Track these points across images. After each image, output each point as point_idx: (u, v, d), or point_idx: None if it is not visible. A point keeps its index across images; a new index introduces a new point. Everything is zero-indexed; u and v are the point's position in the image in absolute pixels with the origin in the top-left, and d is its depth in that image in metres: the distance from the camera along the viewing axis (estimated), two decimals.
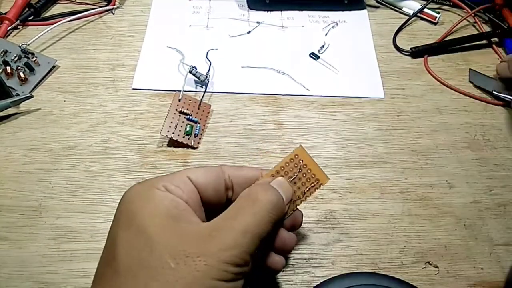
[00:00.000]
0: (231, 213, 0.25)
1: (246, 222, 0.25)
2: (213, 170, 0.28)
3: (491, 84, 0.48)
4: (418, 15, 0.56)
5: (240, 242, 0.24)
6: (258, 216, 0.25)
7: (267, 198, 0.26)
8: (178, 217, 0.25)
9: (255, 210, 0.25)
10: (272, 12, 0.55)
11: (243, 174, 0.29)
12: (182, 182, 0.27)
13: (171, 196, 0.25)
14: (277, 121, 0.45)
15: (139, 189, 0.26)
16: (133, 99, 0.46)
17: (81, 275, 0.35)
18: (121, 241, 0.24)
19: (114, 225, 0.25)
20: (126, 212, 0.25)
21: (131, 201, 0.26)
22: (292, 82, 0.48)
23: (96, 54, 0.50)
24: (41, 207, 0.38)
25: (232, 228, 0.24)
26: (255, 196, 0.26)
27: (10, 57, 0.47)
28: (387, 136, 0.44)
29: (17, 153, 0.41)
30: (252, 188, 0.27)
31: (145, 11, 0.54)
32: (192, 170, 0.28)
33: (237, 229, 0.24)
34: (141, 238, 0.24)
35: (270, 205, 0.26)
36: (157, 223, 0.24)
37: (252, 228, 0.25)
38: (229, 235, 0.24)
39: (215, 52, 0.50)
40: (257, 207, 0.26)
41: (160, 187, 0.26)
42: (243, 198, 0.26)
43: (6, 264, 0.35)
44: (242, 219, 0.25)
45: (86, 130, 0.43)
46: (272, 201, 0.26)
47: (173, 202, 0.25)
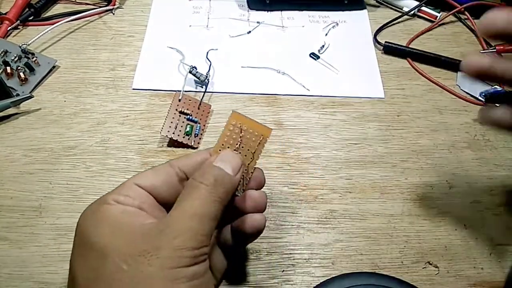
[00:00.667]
0: (176, 204, 0.26)
1: (190, 207, 0.25)
2: (160, 169, 0.29)
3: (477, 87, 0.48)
4: (419, 14, 0.56)
5: (188, 225, 0.24)
6: (201, 197, 0.26)
7: (206, 179, 0.26)
8: (128, 224, 0.25)
9: (197, 194, 0.26)
10: (272, 12, 0.55)
11: (192, 161, 0.30)
12: (131, 191, 0.27)
13: (121, 208, 0.26)
14: (277, 121, 0.45)
15: (89, 210, 0.27)
16: (133, 99, 0.46)
17: None
18: (76, 263, 0.25)
19: (72, 252, 0.26)
20: (78, 235, 0.26)
21: (83, 224, 0.26)
22: (292, 82, 0.48)
23: (96, 54, 0.50)
24: (41, 207, 0.38)
25: (178, 216, 0.25)
26: (195, 181, 0.26)
27: (10, 57, 0.47)
28: (387, 136, 0.44)
29: (17, 153, 0.41)
30: (194, 174, 0.27)
31: (145, 11, 0.54)
32: (138, 176, 0.28)
33: (183, 215, 0.25)
34: (93, 252, 0.24)
35: (210, 184, 0.26)
36: (106, 233, 0.24)
37: (197, 210, 0.25)
38: (176, 223, 0.24)
39: (215, 52, 0.50)
40: (198, 190, 0.26)
41: (110, 202, 0.26)
42: (185, 187, 0.27)
43: (6, 264, 0.35)
44: (185, 204, 0.25)
45: (86, 130, 0.43)
46: (209, 180, 0.26)
47: (124, 213, 0.26)
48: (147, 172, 0.29)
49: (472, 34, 0.54)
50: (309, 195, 0.40)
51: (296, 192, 0.40)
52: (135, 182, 0.28)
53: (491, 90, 0.48)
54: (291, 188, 0.40)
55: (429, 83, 0.49)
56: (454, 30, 0.55)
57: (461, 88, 0.49)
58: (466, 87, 0.49)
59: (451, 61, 0.50)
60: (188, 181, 0.27)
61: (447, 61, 0.51)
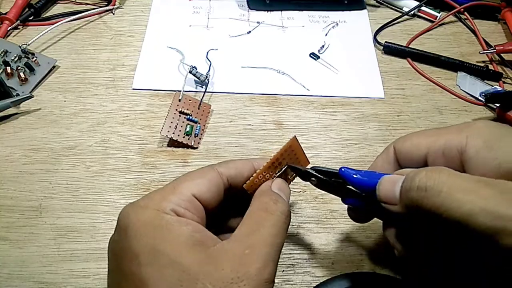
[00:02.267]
0: (251, 227, 0.25)
1: (270, 235, 0.25)
2: (212, 178, 0.28)
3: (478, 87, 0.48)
4: (419, 14, 0.56)
5: (272, 256, 0.24)
6: (277, 227, 0.25)
7: (280, 208, 0.26)
8: (202, 242, 0.24)
9: (273, 222, 0.26)
10: (272, 12, 0.55)
11: (234, 168, 0.29)
12: (190, 203, 0.26)
13: (185, 221, 0.24)
14: (277, 121, 0.45)
15: (146, 218, 0.24)
16: (133, 99, 0.46)
17: (81, 275, 0.35)
18: (152, 278, 0.22)
19: (129, 263, 0.23)
20: (144, 248, 0.23)
21: (145, 235, 0.24)
22: (292, 82, 0.48)
23: (96, 54, 0.50)
24: (41, 207, 0.38)
25: (261, 245, 0.24)
26: (269, 208, 0.26)
27: (10, 57, 0.47)
28: (387, 136, 0.44)
29: (17, 153, 0.41)
30: (262, 200, 0.27)
31: (145, 11, 0.54)
32: (194, 185, 0.27)
33: (267, 244, 0.24)
34: (175, 271, 0.22)
35: (283, 214, 0.26)
36: (186, 253, 0.23)
37: (276, 239, 0.25)
38: (262, 250, 0.24)
39: (215, 52, 0.50)
40: (274, 218, 0.26)
41: (169, 212, 0.25)
42: (257, 211, 0.27)
43: (6, 264, 0.35)
44: (265, 232, 0.25)
45: (86, 130, 0.43)
46: (284, 211, 0.27)
47: (190, 227, 0.24)
48: (201, 182, 0.27)
49: (472, 34, 0.54)
50: (309, 195, 0.40)
51: (296, 192, 0.40)
52: (193, 193, 0.26)
53: (491, 90, 0.48)
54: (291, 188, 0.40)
55: (429, 83, 0.49)
56: (454, 30, 0.55)
57: (461, 88, 0.49)
58: (466, 87, 0.49)
59: (451, 61, 0.50)
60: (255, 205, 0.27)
61: (447, 61, 0.51)
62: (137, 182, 0.40)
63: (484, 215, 0.20)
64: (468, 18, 0.55)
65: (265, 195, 0.28)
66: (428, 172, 0.23)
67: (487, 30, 0.55)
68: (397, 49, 0.51)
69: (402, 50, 0.51)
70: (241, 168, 0.29)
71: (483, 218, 0.20)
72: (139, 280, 0.23)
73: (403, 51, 0.51)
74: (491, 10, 0.56)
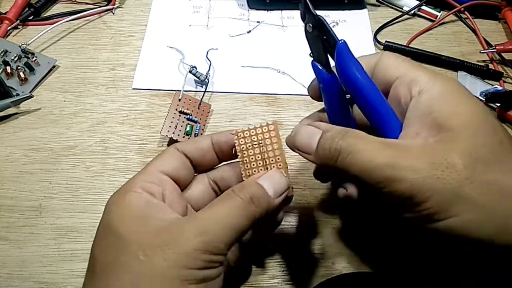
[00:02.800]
0: (207, 207, 0.26)
1: (219, 213, 0.25)
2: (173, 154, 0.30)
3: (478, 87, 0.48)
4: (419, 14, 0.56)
5: (212, 229, 0.24)
6: (233, 208, 0.26)
7: (243, 193, 0.26)
8: (151, 215, 0.26)
9: (230, 203, 0.26)
10: (272, 12, 0.55)
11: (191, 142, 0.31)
12: (156, 178, 0.28)
13: (146, 197, 0.27)
14: (277, 121, 0.45)
15: (116, 196, 0.27)
16: (133, 99, 0.46)
17: (81, 275, 0.35)
18: (97, 247, 0.26)
19: (96, 234, 0.27)
20: (104, 220, 0.26)
21: (109, 209, 0.27)
22: (292, 82, 0.48)
23: (96, 54, 0.50)
24: (41, 207, 0.38)
25: (205, 218, 0.25)
26: (234, 191, 0.27)
27: (10, 57, 0.47)
28: None
29: (17, 153, 0.41)
30: (235, 186, 0.28)
31: (145, 11, 0.54)
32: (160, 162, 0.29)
33: (210, 218, 0.25)
34: (114, 239, 0.25)
35: (246, 200, 0.26)
36: (128, 223, 0.25)
37: (225, 218, 0.25)
38: (200, 223, 0.25)
39: (215, 52, 0.50)
40: (233, 200, 0.26)
41: (137, 190, 0.27)
42: (222, 194, 0.27)
43: (6, 264, 0.35)
44: (216, 210, 0.26)
45: (86, 130, 0.43)
46: (246, 196, 0.26)
47: (147, 202, 0.26)
48: (162, 157, 0.29)
49: (473, 33, 0.54)
50: (309, 195, 0.40)
51: (296, 192, 0.40)
52: (159, 169, 0.28)
53: (492, 89, 0.48)
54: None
55: None
56: (455, 29, 0.55)
57: None
58: (466, 86, 0.48)
59: (451, 61, 0.50)
60: (227, 190, 0.27)
61: (448, 60, 0.50)
62: None
63: (378, 169, 0.24)
64: (469, 17, 0.55)
65: (239, 184, 0.28)
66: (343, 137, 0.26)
67: (488, 30, 0.55)
68: (398, 49, 0.51)
69: (402, 49, 0.51)
70: (197, 141, 0.31)
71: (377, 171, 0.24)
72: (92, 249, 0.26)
73: (404, 51, 0.51)
74: (491, 9, 0.56)
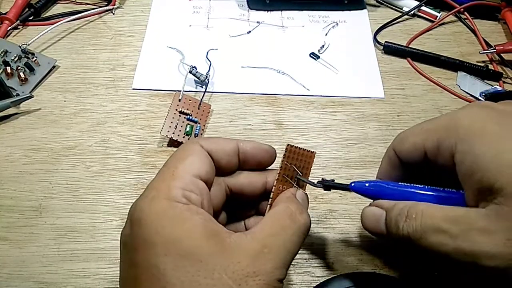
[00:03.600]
0: (274, 230, 0.26)
1: (290, 241, 0.25)
2: (200, 153, 0.27)
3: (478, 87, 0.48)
4: (419, 14, 0.56)
5: (287, 261, 0.25)
6: (298, 236, 0.26)
7: (304, 220, 0.27)
8: (218, 233, 0.24)
9: (295, 231, 0.26)
10: (272, 12, 0.55)
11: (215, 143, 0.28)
12: (193, 185, 0.26)
13: (195, 209, 0.24)
14: (277, 121, 0.45)
15: (159, 209, 0.24)
16: (133, 99, 0.46)
17: (81, 275, 0.35)
18: (170, 269, 0.22)
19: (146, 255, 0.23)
20: (161, 238, 0.23)
21: (160, 226, 0.23)
22: (292, 82, 0.48)
23: (96, 54, 0.50)
24: (41, 207, 0.38)
25: (281, 247, 0.25)
26: (295, 217, 0.27)
27: (10, 57, 0.47)
28: (387, 136, 0.44)
29: (17, 153, 0.41)
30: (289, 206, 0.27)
31: (145, 11, 0.54)
32: (189, 165, 0.26)
33: (285, 249, 0.25)
34: (191, 262, 0.22)
35: (305, 227, 0.27)
36: (204, 243, 0.23)
37: (294, 247, 0.26)
38: (280, 254, 0.24)
39: (215, 52, 0.50)
40: (297, 228, 0.26)
41: (180, 199, 0.24)
42: (283, 216, 0.27)
43: (6, 264, 0.35)
44: (287, 238, 0.25)
45: (86, 130, 0.43)
46: (306, 224, 0.27)
47: (201, 216, 0.24)
48: (190, 158, 0.27)
49: (472, 34, 0.54)
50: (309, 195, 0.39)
51: None
52: (192, 173, 0.26)
53: (491, 90, 0.48)
54: None
55: (429, 83, 0.49)
56: (454, 30, 0.55)
57: (461, 88, 0.49)
58: (466, 87, 0.49)
59: (451, 61, 0.50)
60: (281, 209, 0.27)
61: (447, 61, 0.51)
62: (137, 182, 0.40)
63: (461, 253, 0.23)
64: (468, 18, 0.55)
65: (291, 202, 0.28)
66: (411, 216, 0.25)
67: (487, 30, 0.55)
68: (397, 49, 0.51)
69: (402, 50, 0.51)
70: (222, 144, 0.29)
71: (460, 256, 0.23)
72: (157, 271, 0.22)
73: (403, 51, 0.51)
74: (491, 10, 0.56)
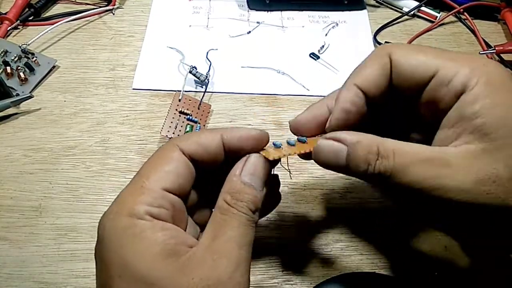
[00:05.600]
0: (216, 231, 0.24)
1: (237, 235, 0.24)
2: (178, 162, 0.25)
3: None
4: (419, 15, 0.56)
5: (243, 256, 0.24)
6: (243, 225, 0.24)
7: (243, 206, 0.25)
8: (175, 252, 0.23)
9: (237, 222, 0.24)
10: (272, 12, 0.55)
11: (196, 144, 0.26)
12: (162, 199, 0.24)
13: (160, 226, 0.23)
14: (277, 121, 0.45)
15: (120, 227, 0.23)
16: (133, 99, 0.46)
17: (81, 275, 0.35)
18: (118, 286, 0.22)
19: (104, 273, 0.23)
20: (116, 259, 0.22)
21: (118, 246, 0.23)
22: (292, 82, 0.48)
23: (96, 54, 0.50)
24: (41, 207, 0.38)
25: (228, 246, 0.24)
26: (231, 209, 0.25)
27: (10, 57, 0.47)
28: None
29: (17, 153, 0.41)
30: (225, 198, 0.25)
31: (145, 11, 0.54)
32: (163, 177, 0.25)
33: (233, 245, 0.24)
34: (144, 285, 0.22)
35: (248, 212, 0.25)
36: (158, 265, 0.22)
37: (243, 238, 0.24)
38: (230, 254, 0.23)
39: (215, 52, 0.50)
40: (238, 218, 0.24)
41: (143, 216, 0.23)
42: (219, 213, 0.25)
43: (6, 264, 0.35)
44: (231, 234, 0.24)
45: (86, 130, 0.43)
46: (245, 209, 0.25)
47: (164, 233, 0.23)
48: (165, 168, 0.25)
49: (472, 34, 0.54)
50: (309, 195, 0.40)
51: (296, 192, 0.40)
52: (164, 187, 0.24)
53: None
54: (291, 188, 0.40)
55: None
56: (454, 30, 0.55)
57: None
58: None
59: None
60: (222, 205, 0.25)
61: None
62: None
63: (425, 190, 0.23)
64: (468, 18, 0.55)
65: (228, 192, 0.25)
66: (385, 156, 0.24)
67: (487, 31, 0.55)
68: None
69: None
70: (205, 143, 0.26)
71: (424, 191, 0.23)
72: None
73: None
74: (490, 10, 0.56)
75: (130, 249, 0.22)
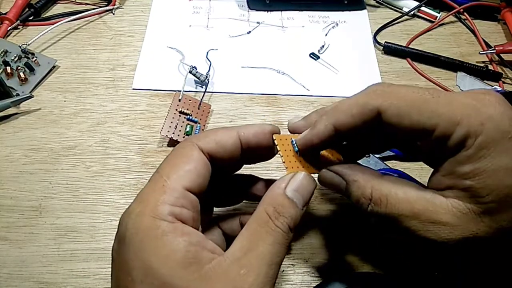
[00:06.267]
0: (249, 245, 0.24)
1: (270, 254, 0.23)
2: (198, 161, 0.25)
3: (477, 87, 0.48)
4: (419, 15, 0.56)
5: (270, 275, 0.23)
6: (277, 244, 0.24)
7: (282, 223, 0.24)
8: (197, 260, 0.22)
9: (273, 240, 0.24)
10: (272, 12, 0.55)
11: (214, 142, 0.26)
12: (184, 199, 0.24)
13: (181, 230, 0.23)
14: (277, 121, 0.45)
15: (143, 228, 0.23)
16: (133, 99, 0.46)
17: (81, 275, 0.35)
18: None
19: (124, 276, 0.22)
20: (138, 263, 0.22)
21: (140, 249, 0.22)
22: (292, 82, 0.48)
23: (96, 54, 0.50)
24: (41, 207, 0.38)
25: (260, 263, 0.23)
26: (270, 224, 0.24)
27: (10, 57, 0.47)
28: None
29: (17, 153, 0.41)
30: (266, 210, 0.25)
31: (145, 11, 0.54)
32: (183, 175, 0.24)
33: (265, 263, 0.23)
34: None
35: (285, 230, 0.24)
36: (180, 273, 0.22)
37: (275, 258, 0.23)
38: (260, 271, 0.23)
39: (215, 52, 0.50)
40: (274, 235, 0.24)
41: (166, 217, 0.23)
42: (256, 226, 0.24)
43: (6, 264, 0.35)
44: (266, 251, 0.23)
45: (86, 130, 0.43)
46: (285, 227, 0.24)
47: (186, 238, 0.23)
48: (185, 167, 0.25)
49: (472, 34, 0.54)
50: None
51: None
52: (185, 186, 0.24)
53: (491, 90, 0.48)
54: None
55: (429, 83, 0.49)
56: (454, 30, 0.55)
57: (460, 88, 0.49)
58: (465, 87, 0.49)
59: (450, 62, 0.50)
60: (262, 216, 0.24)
61: (447, 61, 0.51)
62: (137, 182, 0.40)
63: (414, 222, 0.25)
64: (468, 18, 0.55)
65: (271, 204, 0.25)
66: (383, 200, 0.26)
67: (487, 31, 0.55)
68: (397, 49, 0.51)
69: (402, 50, 0.51)
70: (222, 140, 0.26)
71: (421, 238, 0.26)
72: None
73: (403, 51, 0.51)
74: (490, 11, 0.56)
75: (153, 254, 0.22)
